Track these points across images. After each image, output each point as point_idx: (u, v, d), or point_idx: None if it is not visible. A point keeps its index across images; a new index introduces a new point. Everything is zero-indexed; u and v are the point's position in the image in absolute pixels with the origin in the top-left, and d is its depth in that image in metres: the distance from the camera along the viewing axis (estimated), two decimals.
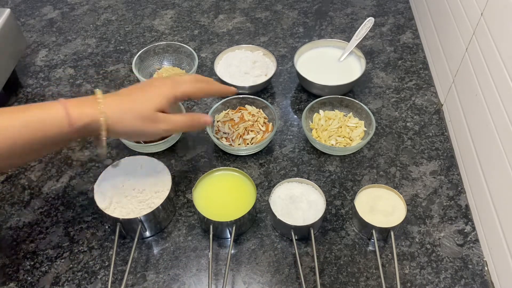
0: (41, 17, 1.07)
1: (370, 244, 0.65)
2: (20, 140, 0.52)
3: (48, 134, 0.53)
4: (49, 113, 0.53)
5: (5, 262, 0.64)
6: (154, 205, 0.63)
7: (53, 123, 0.53)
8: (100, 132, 0.56)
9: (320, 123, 0.79)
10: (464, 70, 0.75)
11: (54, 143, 0.55)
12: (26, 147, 0.52)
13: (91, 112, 0.55)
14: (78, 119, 0.54)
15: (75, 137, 0.56)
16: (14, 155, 0.53)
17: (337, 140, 0.76)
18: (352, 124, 0.78)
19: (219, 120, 0.79)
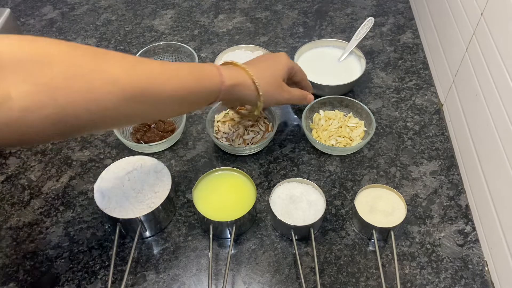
0: (41, 17, 1.07)
1: (370, 244, 0.65)
2: (186, 85, 0.52)
3: (205, 86, 0.55)
4: (206, 68, 0.56)
5: (5, 262, 0.64)
6: (154, 205, 0.63)
7: (211, 77, 0.56)
8: (251, 93, 0.61)
9: (320, 123, 0.79)
10: (464, 70, 0.75)
11: (204, 98, 0.56)
12: (186, 96, 0.53)
13: (241, 74, 0.60)
14: (229, 78, 0.57)
15: (220, 97, 0.58)
16: (176, 103, 0.53)
17: (337, 140, 0.76)
18: (352, 124, 0.78)
19: (219, 120, 0.79)
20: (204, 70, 0.56)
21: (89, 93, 0.42)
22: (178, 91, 0.51)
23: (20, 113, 0.38)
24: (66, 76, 0.41)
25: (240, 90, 0.59)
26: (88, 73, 0.43)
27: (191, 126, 0.82)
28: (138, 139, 0.77)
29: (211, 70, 0.56)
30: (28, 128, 0.40)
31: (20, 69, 0.39)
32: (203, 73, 0.55)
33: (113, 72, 0.45)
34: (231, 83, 0.57)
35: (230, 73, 0.58)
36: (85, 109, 0.43)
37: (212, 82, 0.56)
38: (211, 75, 0.56)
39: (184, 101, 0.53)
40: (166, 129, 0.78)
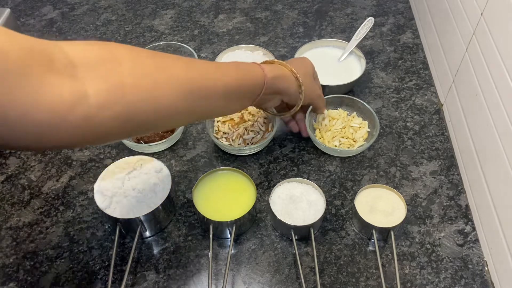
0: (41, 17, 1.07)
1: (370, 244, 0.65)
2: (235, 80, 0.56)
3: (252, 79, 0.59)
4: (250, 64, 0.61)
5: (5, 262, 0.64)
6: (154, 205, 0.63)
7: (254, 71, 0.59)
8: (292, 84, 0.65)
9: (324, 123, 0.78)
10: (464, 70, 0.75)
11: (252, 92, 0.59)
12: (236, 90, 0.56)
13: (280, 68, 0.64)
14: (270, 71, 0.61)
15: (265, 89, 0.60)
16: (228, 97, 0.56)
17: (340, 141, 0.76)
18: (356, 125, 0.77)
19: (219, 120, 0.79)
20: (248, 65, 0.60)
21: (154, 90, 0.45)
22: (229, 85, 0.55)
23: (96, 110, 0.40)
24: (135, 74, 0.43)
25: (281, 81, 0.63)
26: (153, 71, 0.46)
27: (191, 126, 0.82)
28: (138, 139, 0.77)
29: (254, 66, 0.61)
30: (101, 125, 0.41)
31: (93, 68, 0.40)
32: (248, 68, 0.59)
33: (173, 70, 0.48)
34: (272, 75, 0.61)
35: (271, 67, 0.62)
36: (152, 105, 0.45)
37: (256, 75, 0.59)
38: (254, 70, 0.60)
39: (234, 94, 0.56)
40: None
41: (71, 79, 0.38)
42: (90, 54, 0.41)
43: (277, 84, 0.62)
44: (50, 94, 0.36)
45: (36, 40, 0.38)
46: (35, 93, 0.35)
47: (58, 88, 0.37)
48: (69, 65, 0.39)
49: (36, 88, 0.35)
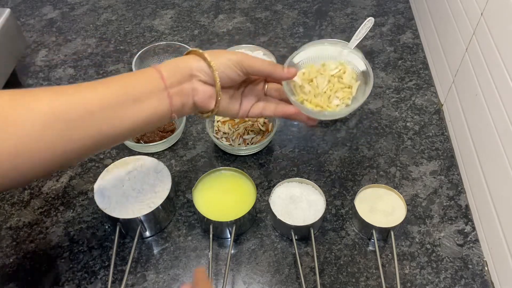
0: (41, 17, 1.07)
1: (370, 244, 0.65)
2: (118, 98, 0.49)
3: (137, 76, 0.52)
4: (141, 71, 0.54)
5: (5, 262, 0.64)
6: (154, 205, 0.63)
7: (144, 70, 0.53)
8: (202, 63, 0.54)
9: (306, 90, 0.61)
10: (464, 70, 0.75)
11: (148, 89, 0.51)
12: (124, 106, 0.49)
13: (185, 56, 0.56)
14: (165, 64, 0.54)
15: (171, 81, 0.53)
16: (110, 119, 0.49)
17: (338, 97, 0.61)
18: (335, 70, 0.62)
19: (219, 120, 0.79)
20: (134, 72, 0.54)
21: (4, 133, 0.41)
22: (109, 93, 0.48)
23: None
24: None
25: (180, 63, 0.54)
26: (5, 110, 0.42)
27: (191, 126, 0.82)
28: (138, 139, 0.77)
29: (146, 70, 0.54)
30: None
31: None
32: (132, 73, 0.54)
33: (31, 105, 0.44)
34: (165, 64, 0.54)
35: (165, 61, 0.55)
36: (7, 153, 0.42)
37: (143, 72, 0.53)
38: (141, 70, 0.53)
39: (125, 100, 0.49)
40: (166, 129, 0.78)
41: None
42: None
43: (176, 67, 0.54)
44: None
45: None
46: None
47: None
48: None
49: None
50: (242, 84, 0.61)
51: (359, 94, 0.61)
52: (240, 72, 0.56)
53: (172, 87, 0.53)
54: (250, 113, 0.62)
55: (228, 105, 0.59)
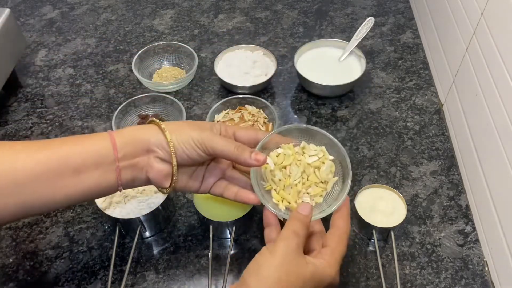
0: (41, 17, 1.07)
1: (370, 244, 0.65)
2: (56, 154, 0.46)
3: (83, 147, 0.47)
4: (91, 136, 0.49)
5: (5, 262, 0.64)
6: (154, 205, 0.63)
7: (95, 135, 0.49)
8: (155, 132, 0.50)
9: (277, 178, 0.53)
10: (465, 70, 0.75)
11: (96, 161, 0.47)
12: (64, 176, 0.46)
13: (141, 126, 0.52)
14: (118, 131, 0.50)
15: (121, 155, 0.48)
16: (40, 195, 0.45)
17: (309, 193, 0.53)
18: (314, 158, 0.54)
19: (219, 120, 0.79)
20: (87, 135, 0.49)
21: None
22: (44, 161, 0.44)
23: None
24: None
25: (138, 133, 0.49)
26: None
27: None
28: None
29: (96, 133, 0.50)
30: None
31: None
32: (83, 136, 0.49)
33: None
34: (123, 132, 0.49)
35: (124, 128, 0.51)
36: None
37: (96, 137, 0.48)
38: (94, 134, 0.49)
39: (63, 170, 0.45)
40: None
41: None
42: None
43: (133, 138, 0.49)
44: None
45: None
46: None
47: None
48: None
49: None
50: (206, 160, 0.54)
51: (334, 191, 0.54)
52: (202, 153, 0.50)
53: (124, 160, 0.48)
54: (211, 191, 0.56)
55: (186, 184, 0.54)
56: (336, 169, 0.55)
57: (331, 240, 0.49)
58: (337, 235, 0.49)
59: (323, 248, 0.49)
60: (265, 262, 0.45)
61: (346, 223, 0.50)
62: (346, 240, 0.49)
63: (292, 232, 0.47)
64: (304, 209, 0.49)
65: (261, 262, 0.45)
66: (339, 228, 0.50)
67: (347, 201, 0.52)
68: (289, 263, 0.45)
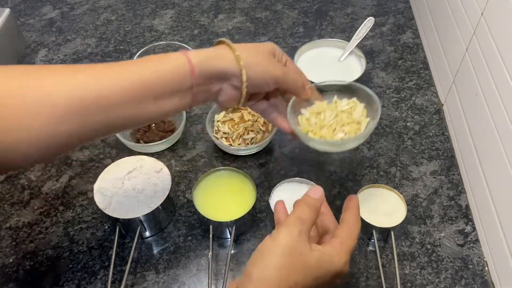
0: (41, 17, 1.07)
1: (370, 244, 0.65)
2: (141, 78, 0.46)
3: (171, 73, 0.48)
4: (166, 54, 0.50)
5: (5, 262, 0.64)
6: (154, 205, 0.63)
7: (172, 61, 0.49)
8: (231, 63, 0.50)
9: (312, 122, 0.60)
10: (465, 70, 0.75)
11: (177, 86, 0.48)
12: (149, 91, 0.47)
13: (216, 49, 0.52)
14: (196, 55, 0.50)
15: (196, 77, 0.49)
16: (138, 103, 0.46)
17: (344, 131, 0.59)
18: (346, 106, 0.61)
19: (219, 120, 0.79)
20: (164, 57, 0.50)
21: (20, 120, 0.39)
22: (131, 88, 0.45)
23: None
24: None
25: (214, 63, 0.50)
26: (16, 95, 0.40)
27: (191, 126, 0.82)
28: (138, 139, 0.77)
29: (173, 55, 0.50)
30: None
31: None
32: (161, 61, 0.49)
33: (46, 88, 0.41)
34: (200, 59, 0.49)
35: (198, 52, 0.51)
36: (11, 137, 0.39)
37: (174, 64, 0.48)
38: (173, 59, 0.49)
39: (144, 97, 0.47)
40: (166, 129, 0.78)
41: None
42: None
43: (210, 67, 0.50)
44: None
45: None
46: None
47: None
48: None
49: None
50: None
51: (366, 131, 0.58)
52: (272, 86, 0.54)
53: (200, 85, 0.50)
54: (253, 107, 0.59)
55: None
56: (368, 113, 0.60)
57: (342, 232, 0.48)
58: (347, 228, 0.49)
59: (333, 238, 0.48)
60: (267, 251, 0.44)
61: (357, 219, 0.50)
62: (356, 235, 0.49)
63: (297, 217, 0.46)
64: (315, 193, 0.48)
65: (263, 250, 0.44)
66: (350, 222, 0.49)
67: (356, 200, 0.52)
68: (292, 250, 0.43)
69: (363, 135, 0.58)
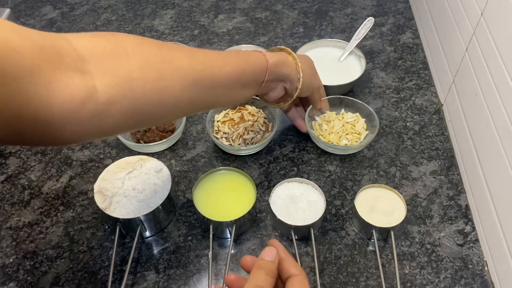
0: (41, 17, 1.07)
1: (370, 244, 0.65)
2: (238, 67, 0.56)
3: (254, 65, 0.59)
4: (252, 52, 0.61)
5: (5, 262, 0.64)
6: (154, 205, 0.63)
7: (256, 58, 0.60)
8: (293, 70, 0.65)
9: (323, 128, 0.78)
10: (464, 70, 0.75)
11: (255, 78, 0.60)
12: (239, 77, 0.56)
13: (282, 55, 0.65)
14: (271, 57, 0.61)
15: (268, 75, 0.60)
16: (231, 85, 0.56)
17: (347, 138, 0.76)
18: (351, 119, 0.78)
19: (219, 120, 0.79)
20: (250, 53, 0.61)
21: (160, 82, 0.45)
22: (231, 73, 0.55)
23: (105, 106, 0.40)
24: (142, 67, 0.44)
25: (283, 67, 0.63)
26: (158, 63, 0.46)
27: (191, 126, 0.82)
28: (138, 139, 0.77)
29: (255, 52, 0.61)
30: (110, 120, 0.42)
31: (101, 62, 0.41)
32: (249, 56, 0.60)
33: (177, 61, 0.48)
34: (274, 61, 0.61)
35: (272, 54, 0.63)
36: (158, 97, 0.45)
37: (258, 61, 0.60)
38: (256, 56, 0.60)
39: (238, 82, 0.57)
40: (166, 129, 0.78)
41: (80, 75, 0.38)
42: (97, 47, 0.41)
43: (279, 70, 0.62)
44: (60, 93, 0.36)
45: (44, 35, 0.38)
46: (46, 92, 0.36)
47: (68, 86, 0.37)
48: (78, 59, 0.39)
49: (47, 86, 0.36)
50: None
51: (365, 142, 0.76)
52: (308, 93, 0.72)
53: (267, 81, 0.62)
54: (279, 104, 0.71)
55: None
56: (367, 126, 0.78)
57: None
58: (299, 282, 0.44)
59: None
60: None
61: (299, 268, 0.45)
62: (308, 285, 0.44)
63: (254, 286, 0.42)
64: (269, 255, 0.45)
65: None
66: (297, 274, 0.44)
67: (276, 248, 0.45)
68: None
69: (362, 145, 0.74)
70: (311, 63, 0.72)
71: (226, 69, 0.54)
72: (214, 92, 0.54)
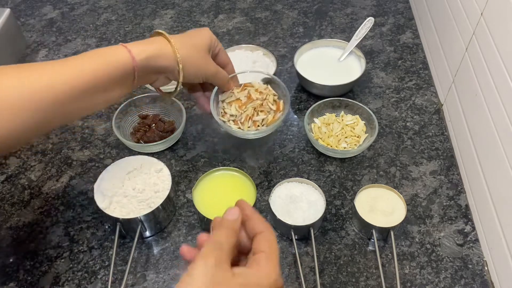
0: (41, 17, 1.07)
1: (370, 244, 0.65)
2: (90, 75, 0.52)
3: (116, 70, 0.54)
4: (112, 50, 0.55)
5: (5, 262, 0.64)
6: (154, 205, 0.63)
7: (118, 59, 0.54)
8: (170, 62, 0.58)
9: (322, 131, 0.77)
10: (464, 70, 0.75)
11: (118, 81, 0.55)
12: (95, 85, 0.53)
13: (157, 46, 0.58)
14: (139, 52, 0.56)
15: (137, 73, 0.56)
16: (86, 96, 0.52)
17: (346, 141, 0.76)
18: (350, 122, 0.78)
19: (224, 101, 0.71)
20: (111, 52, 0.55)
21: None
22: (83, 85, 0.51)
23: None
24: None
25: (156, 61, 0.57)
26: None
27: (191, 126, 0.82)
28: (138, 139, 0.77)
29: (118, 51, 0.55)
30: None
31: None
32: (108, 56, 0.54)
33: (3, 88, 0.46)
34: (144, 56, 0.56)
35: (142, 48, 0.56)
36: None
37: (122, 60, 0.54)
38: (118, 56, 0.54)
39: (95, 90, 0.53)
40: (166, 129, 0.78)
41: None
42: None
43: (153, 64, 0.57)
44: None
45: None
46: None
47: None
48: None
49: None
50: None
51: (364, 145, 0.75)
52: (201, 81, 0.65)
53: (140, 77, 0.57)
54: (189, 91, 0.69)
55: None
56: (366, 129, 0.78)
57: (263, 244, 0.42)
58: (265, 239, 0.43)
59: (256, 255, 0.42)
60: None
61: (265, 225, 0.44)
62: (275, 240, 0.43)
63: (213, 242, 0.41)
64: (232, 214, 0.44)
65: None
66: (263, 231, 0.44)
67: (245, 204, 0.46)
68: (210, 282, 0.38)
69: (361, 149, 0.74)
70: (202, 41, 0.63)
71: (73, 83, 0.50)
72: (65, 109, 0.51)
